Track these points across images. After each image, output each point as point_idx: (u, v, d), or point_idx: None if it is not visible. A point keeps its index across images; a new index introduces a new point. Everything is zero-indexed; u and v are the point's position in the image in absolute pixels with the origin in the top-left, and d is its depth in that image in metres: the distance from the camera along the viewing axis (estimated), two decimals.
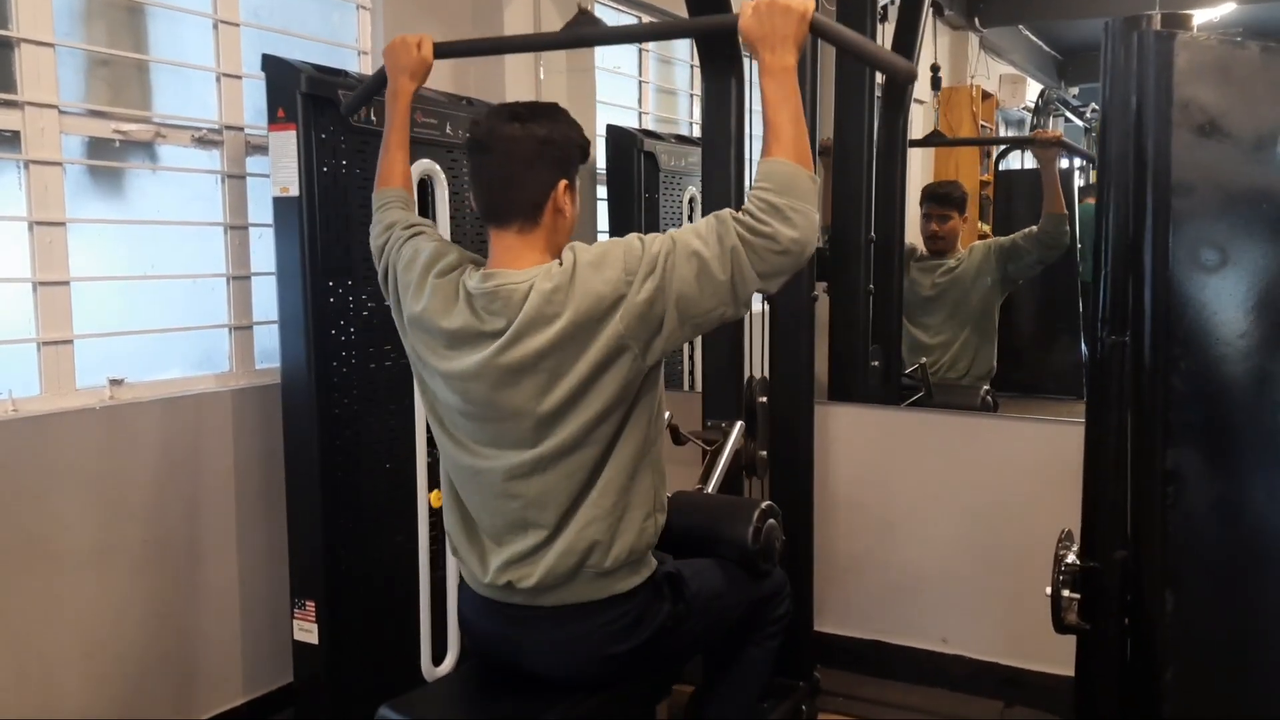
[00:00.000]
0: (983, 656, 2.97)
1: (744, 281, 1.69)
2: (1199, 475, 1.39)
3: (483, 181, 1.82)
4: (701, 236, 1.70)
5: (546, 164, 1.78)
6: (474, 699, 1.89)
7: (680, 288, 1.68)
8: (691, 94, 4.62)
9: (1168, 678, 1.44)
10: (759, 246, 1.68)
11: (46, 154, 2.33)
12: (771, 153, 1.74)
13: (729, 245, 1.68)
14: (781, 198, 1.68)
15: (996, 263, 3.75)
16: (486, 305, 1.74)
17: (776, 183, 1.70)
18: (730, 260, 1.68)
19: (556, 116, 1.82)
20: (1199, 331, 1.39)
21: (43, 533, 2.32)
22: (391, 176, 2.09)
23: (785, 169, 1.72)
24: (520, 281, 1.73)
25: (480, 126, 1.81)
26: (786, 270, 1.72)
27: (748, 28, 1.78)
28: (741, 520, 2.12)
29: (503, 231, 1.80)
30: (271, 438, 2.67)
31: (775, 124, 1.75)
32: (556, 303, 1.69)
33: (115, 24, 2.55)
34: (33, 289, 2.33)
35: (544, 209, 1.79)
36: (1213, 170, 1.38)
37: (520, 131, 1.76)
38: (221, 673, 2.71)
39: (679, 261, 1.68)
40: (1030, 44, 7.88)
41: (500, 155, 1.77)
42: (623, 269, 1.69)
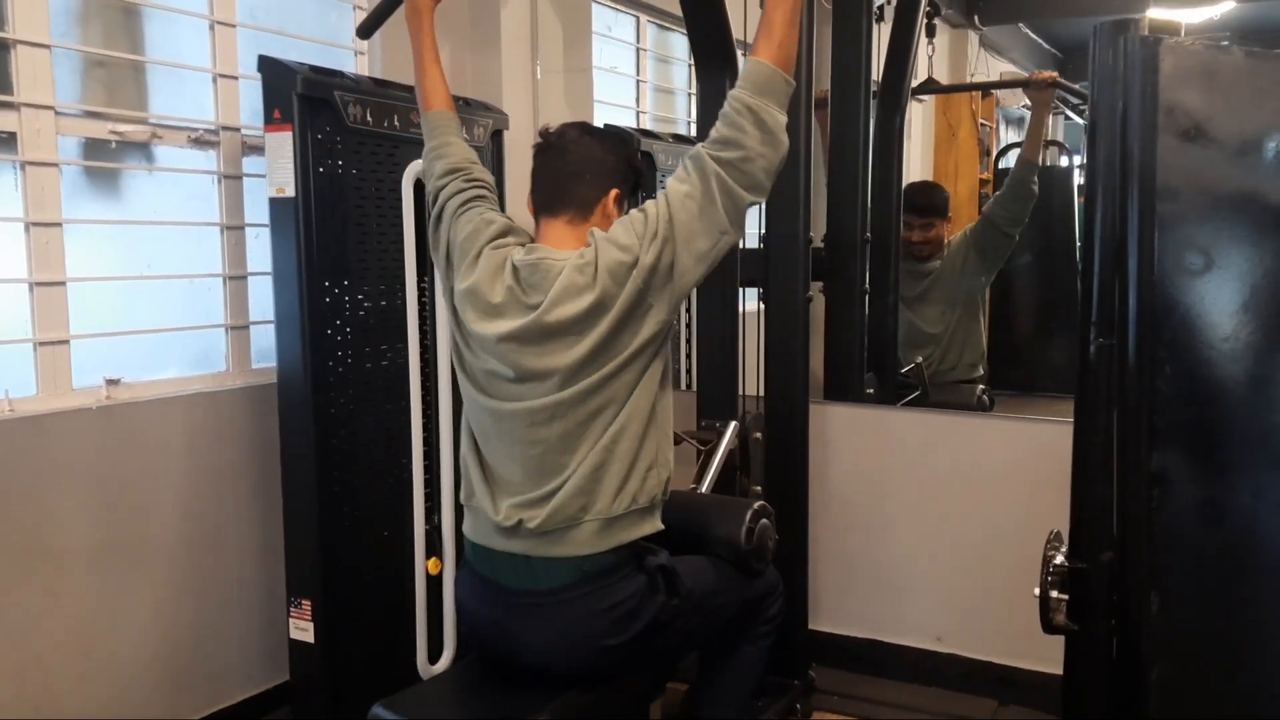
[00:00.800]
0: (977, 655, 2.98)
1: (735, 201, 1.85)
2: (1185, 478, 1.40)
3: (548, 176, 2.01)
4: (683, 179, 1.87)
5: (605, 171, 1.99)
6: (466, 697, 1.91)
7: (685, 233, 1.84)
8: (689, 93, 4.63)
9: (1154, 678, 1.44)
10: (734, 161, 1.83)
11: (42, 155, 2.34)
12: (758, 51, 1.86)
13: (710, 173, 1.84)
14: (756, 98, 1.83)
15: (972, 246, 3.73)
16: (528, 277, 1.90)
17: (753, 83, 1.84)
18: (717, 188, 1.83)
19: (622, 141, 2.11)
20: (1184, 335, 1.39)
21: (40, 532, 2.33)
22: (434, 98, 2.21)
23: (765, 71, 1.84)
24: (559, 259, 1.90)
25: (553, 132, 2.04)
26: (768, 175, 1.87)
27: None
28: (735, 520, 2.14)
29: (553, 220, 1.99)
30: (268, 437, 2.68)
31: (770, 20, 1.86)
32: (586, 274, 1.85)
33: (111, 25, 2.56)
34: (29, 289, 2.34)
35: (595, 207, 1.98)
36: (1198, 174, 1.38)
37: (588, 140, 2.01)
38: (218, 671, 2.72)
39: (675, 211, 1.85)
40: (1030, 42, 7.88)
41: (568, 155, 1.99)
42: (634, 236, 1.86)
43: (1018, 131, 8.29)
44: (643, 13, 4.26)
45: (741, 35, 2.81)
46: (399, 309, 2.69)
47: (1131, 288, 1.42)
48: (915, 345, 3.77)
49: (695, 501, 2.32)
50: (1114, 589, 1.52)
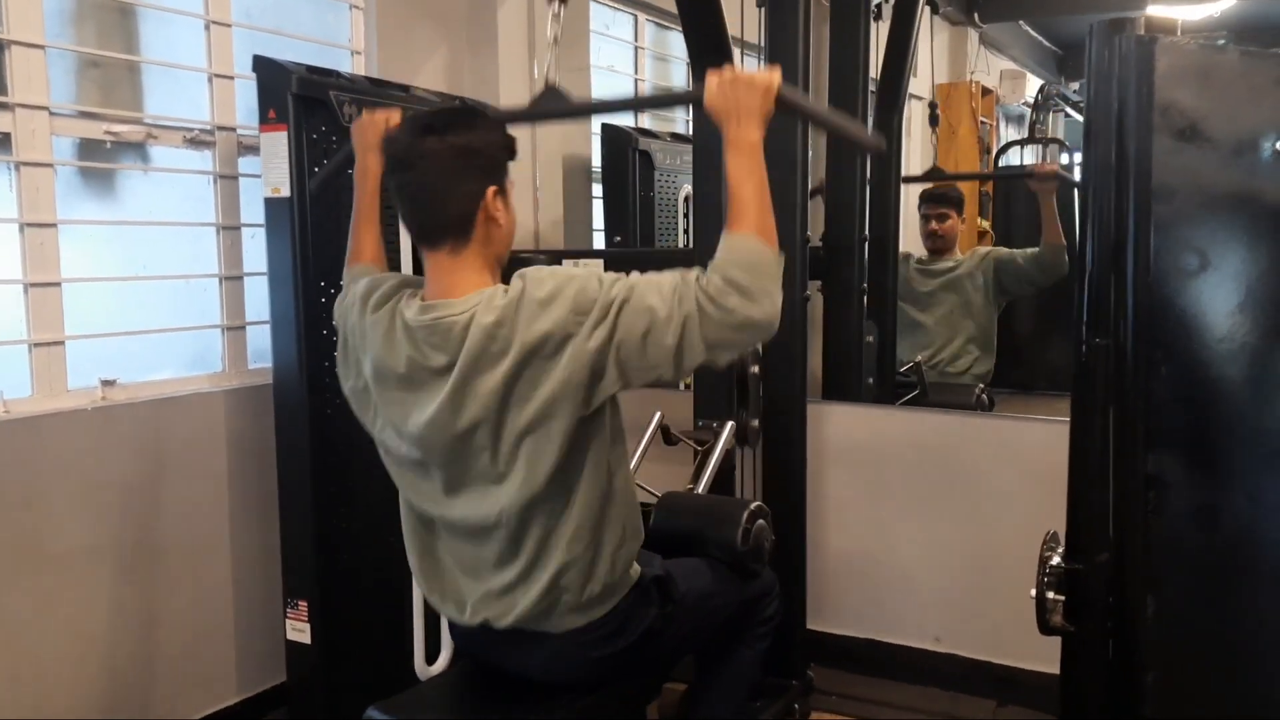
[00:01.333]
0: (976, 655, 2.97)
1: (689, 351, 1.62)
2: (1180, 478, 1.39)
3: (407, 200, 1.72)
4: (661, 293, 1.62)
5: (471, 173, 1.69)
6: (462, 701, 1.90)
7: (624, 338, 1.61)
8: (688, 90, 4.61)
9: (1150, 680, 1.44)
10: (716, 318, 1.60)
11: (37, 155, 2.34)
12: (735, 227, 1.66)
13: (685, 311, 1.60)
14: (745, 274, 1.61)
15: (994, 272, 3.78)
16: (427, 339, 1.67)
17: (739, 257, 1.63)
18: (681, 327, 1.60)
19: (474, 122, 1.73)
20: (1180, 335, 1.39)
21: (35, 534, 2.32)
22: (361, 252, 2.01)
23: (750, 244, 1.64)
24: (460, 312, 1.65)
25: (397, 143, 1.71)
26: (739, 346, 1.68)
27: (712, 102, 1.71)
28: (731, 521, 2.13)
29: (435, 253, 1.71)
30: (264, 438, 2.68)
31: (740, 199, 1.67)
32: (501, 339, 1.62)
33: (106, 25, 2.56)
34: (24, 290, 2.34)
35: (474, 222, 1.69)
36: (1194, 174, 1.37)
37: (439, 144, 1.67)
38: (214, 672, 2.72)
39: (630, 313, 1.61)
40: (1030, 39, 7.87)
41: (421, 171, 1.68)
42: (572, 308, 1.61)
43: (1018, 128, 8.28)
44: (641, 11, 4.26)
45: (738, 34, 2.81)
46: None
47: (1127, 288, 1.41)
48: (920, 344, 3.80)
49: (691, 503, 2.31)
50: (1111, 590, 1.52)
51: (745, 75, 1.73)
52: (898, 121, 3.61)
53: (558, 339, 1.61)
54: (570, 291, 1.62)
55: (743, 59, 2.87)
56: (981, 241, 5.05)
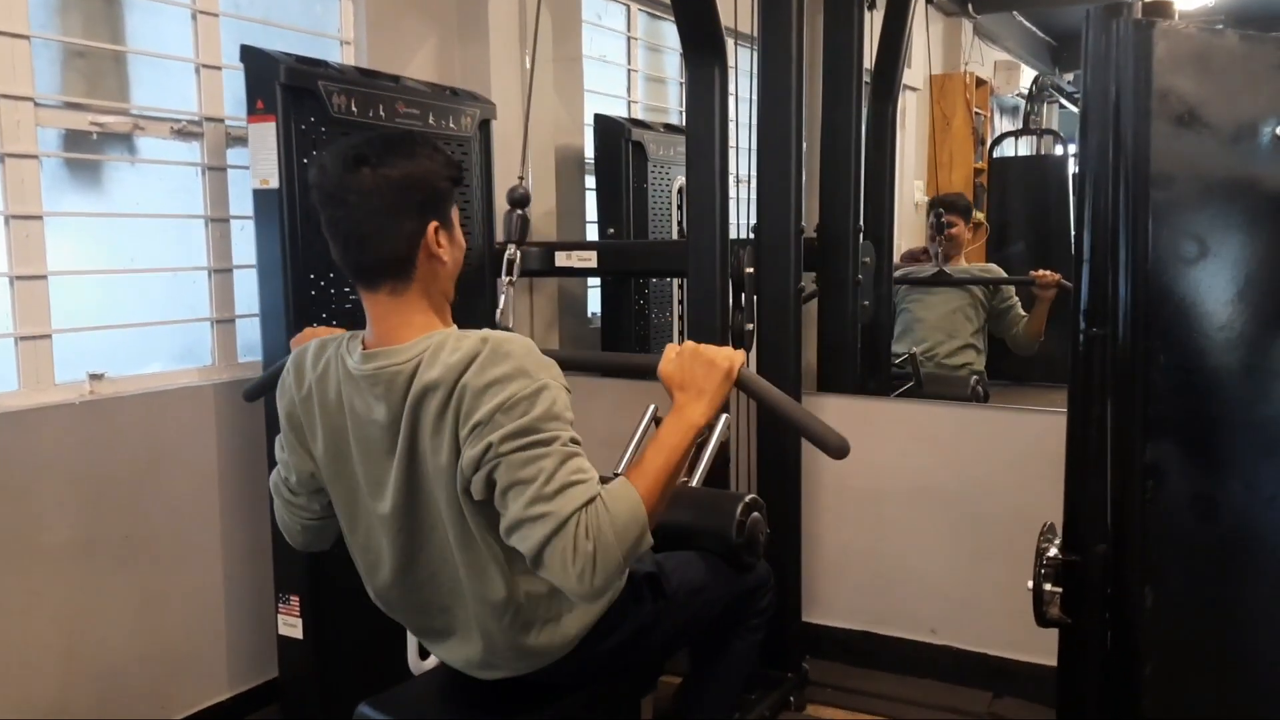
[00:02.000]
0: (972, 647, 2.96)
1: (527, 535, 1.47)
2: (1178, 469, 1.38)
3: (340, 239, 1.56)
4: (568, 472, 1.47)
5: (410, 209, 1.54)
6: (454, 697, 1.88)
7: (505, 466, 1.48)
8: (681, 82, 4.59)
9: (1148, 672, 1.43)
10: (561, 552, 1.44)
11: (22, 147, 2.30)
12: (634, 481, 1.53)
13: (560, 508, 1.44)
14: (613, 536, 1.46)
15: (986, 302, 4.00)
16: (370, 389, 1.57)
17: (622, 518, 1.47)
18: (543, 514, 1.45)
19: (413, 150, 1.56)
20: (1178, 324, 1.37)
21: (22, 529, 2.30)
22: None
23: (635, 510, 1.49)
24: (404, 362, 1.54)
25: (327, 175, 1.54)
26: (552, 577, 1.48)
27: (667, 374, 1.67)
28: (725, 514, 2.11)
29: (374, 294, 1.58)
30: (254, 431, 2.66)
31: (648, 464, 1.56)
32: (439, 402, 1.51)
33: (91, 14, 2.52)
34: (9, 283, 2.31)
35: (414, 262, 1.56)
36: (1192, 160, 1.36)
37: (372, 177, 1.51)
38: (205, 668, 2.70)
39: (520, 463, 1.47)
40: (1024, 30, 7.85)
41: (354, 207, 1.52)
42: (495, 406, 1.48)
43: (1012, 120, 8.27)
44: (633, 1, 4.23)
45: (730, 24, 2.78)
46: None
47: (1124, 277, 1.39)
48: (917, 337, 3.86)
49: (685, 495, 2.29)
50: (1108, 582, 1.51)
51: (707, 353, 1.66)
52: (892, 111, 3.59)
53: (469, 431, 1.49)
54: (507, 392, 1.48)
55: (735, 49, 2.84)
56: (977, 233, 5.05)
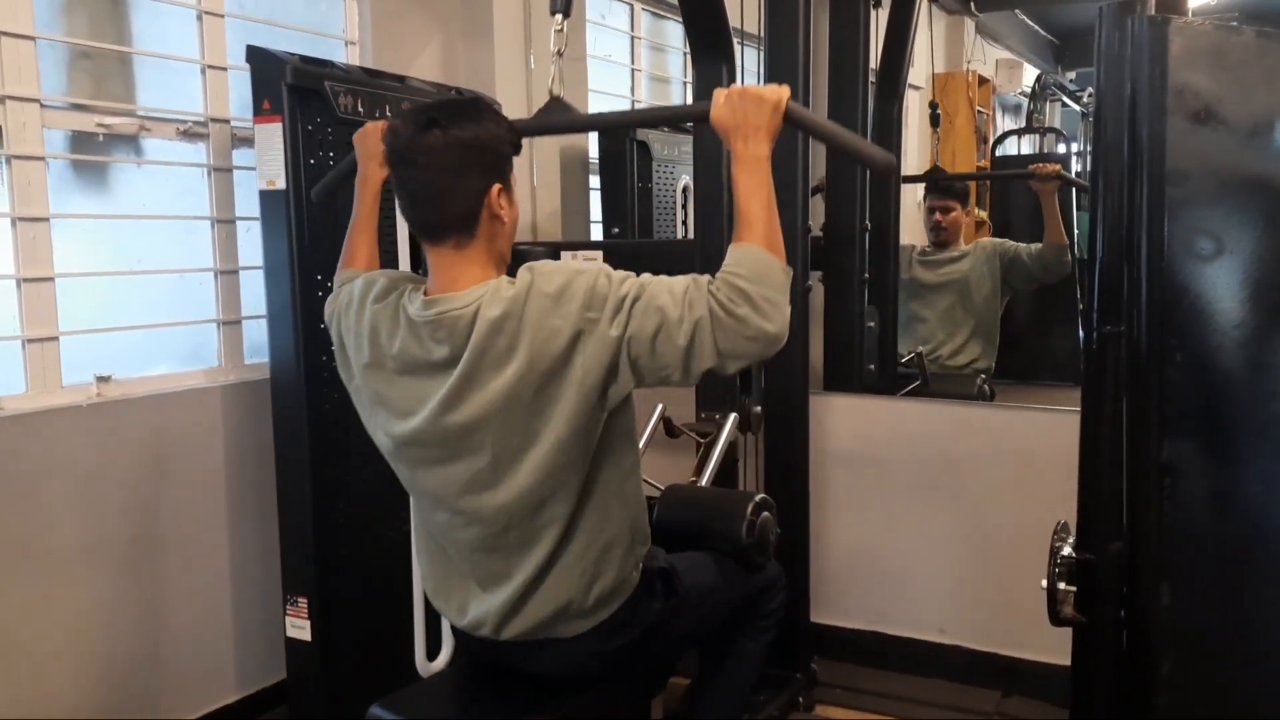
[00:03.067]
0: (981, 646, 2.96)
1: (700, 354, 1.58)
2: (1195, 466, 1.37)
3: (408, 196, 1.68)
4: (674, 295, 1.59)
5: (475, 170, 1.65)
6: (465, 697, 1.88)
7: (635, 335, 1.58)
8: (685, 81, 4.59)
9: (1164, 670, 1.42)
10: (729, 326, 1.56)
11: (28, 149, 2.30)
12: (743, 239, 1.63)
13: (697, 315, 1.57)
14: (754, 285, 1.57)
15: (1000, 265, 3.80)
16: (431, 333, 1.64)
17: (749, 269, 1.59)
18: (693, 330, 1.56)
19: (480, 115, 1.67)
20: (1194, 321, 1.36)
21: (31, 531, 2.30)
22: (355, 258, 1.98)
23: (759, 256, 1.60)
24: (464, 306, 1.62)
25: (399, 137, 1.65)
26: (750, 357, 1.61)
27: (719, 117, 1.69)
28: (735, 514, 2.11)
29: (439, 248, 1.68)
30: (262, 432, 2.65)
31: (747, 213, 1.65)
32: (509, 333, 1.59)
33: (97, 16, 2.52)
34: (16, 285, 2.31)
35: (479, 219, 1.66)
36: (1208, 157, 1.35)
37: (442, 139, 1.62)
38: (213, 670, 2.69)
39: (641, 313, 1.58)
40: (1027, 28, 7.85)
41: (423, 167, 1.63)
42: (583, 304, 1.58)
43: (1015, 118, 8.26)
44: (637, 1, 4.22)
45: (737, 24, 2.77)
46: None
47: (1141, 274, 1.39)
48: (922, 336, 3.80)
49: (695, 495, 2.29)
50: (1123, 580, 1.50)
51: (753, 90, 1.70)
52: (897, 110, 3.59)
53: (569, 336, 1.58)
54: (581, 287, 1.59)
55: (742, 49, 2.83)
56: (979, 231, 5.03)
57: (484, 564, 1.74)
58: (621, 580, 1.76)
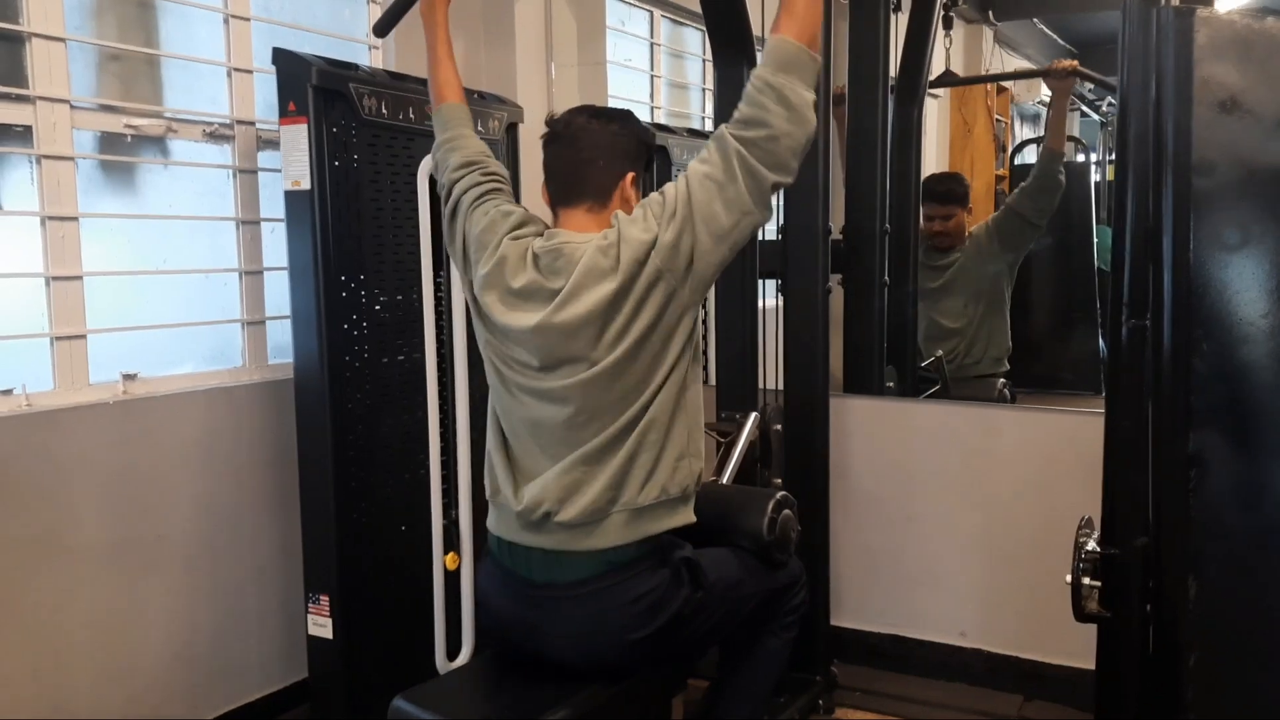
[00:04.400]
0: (1002, 650, 2.95)
1: (758, 182, 1.79)
2: (1222, 458, 1.37)
3: (560, 167, 1.97)
4: (706, 159, 1.82)
5: (618, 155, 1.95)
6: (488, 690, 1.89)
7: (704, 212, 1.80)
8: (704, 88, 4.60)
9: (1190, 664, 1.41)
10: (758, 140, 1.78)
11: (58, 149, 2.33)
12: (780, 28, 1.81)
13: (732, 152, 1.79)
14: (779, 75, 1.77)
15: (996, 238, 3.68)
16: (550, 263, 1.88)
17: (777, 61, 1.79)
18: (738, 167, 1.79)
19: (629, 119, 2.00)
20: (1221, 312, 1.36)
21: (56, 527, 2.32)
22: (447, 90, 2.20)
23: (789, 48, 1.79)
24: (581, 242, 1.88)
25: (559, 120, 1.99)
26: (793, 155, 1.80)
27: None
28: (757, 511, 2.11)
29: (572, 210, 1.96)
30: (285, 432, 2.67)
31: (787, 1, 1.81)
32: (610, 256, 1.83)
33: (126, 19, 2.55)
34: (46, 284, 2.34)
35: (613, 194, 1.94)
36: (1234, 148, 1.35)
37: (597, 125, 1.95)
38: (236, 668, 2.70)
39: (694, 191, 1.81)
40: (1045, 37, 7.83)
41: (577, 144, 1.94)
42: (651, 217, 1.84)
43: (1033, 128, 8.24)
44: (656, 7, 4.24)
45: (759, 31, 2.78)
46: (416, 305, 2.66)
47: (1166, 266, 1.39)
48: (938, 339, 3.74)
49: (717, 493, 2.29)
50: (1149, 574, 1.49)
51: None
52: (917, 113, 3.59)
53: (648, 243, 1.81)
54: (647, 205, 1.86)
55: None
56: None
57: (552, 446, 1.89)
58: (671, 490, 1.89)
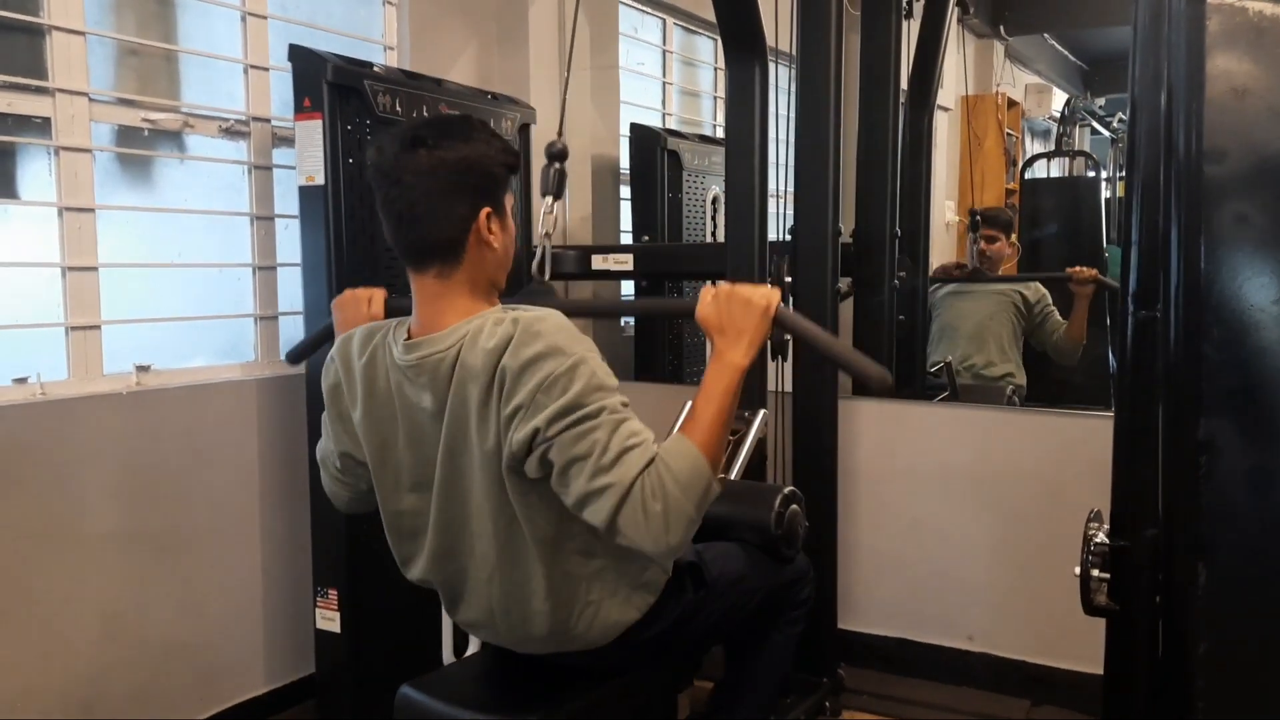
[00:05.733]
0: (1010, 654, 2.93)
1: (594, 508, 1.50)
2: (1232, 444, 1.36)
3: (392, 219, 1.58)
4: (621, 439, 1.49)
5: (463, 193, 1.56)
6: (494, 680, 1.88)
7: (559, 446, 1.50)
8: (715, 96, 4.63)
9: (1200, 653, 1.40)
10: (635, 514, 1.48)
11: (76, 141, 2.35)
12: (689, 435, 1.55)
13: (617, 478, 1.47)
14: (679, 491, 1.49)
15: (1023, 312, 3.91)
16: (415, 378, 1.59)
17: (685, 474, 1.51)
18: (605, 486, 1.48)
19: (470, 134, 1.58)
20: (1231, 298, 1.36)
21: (67, 516, 2.33)
22: None
23: (697, 464, 1.52)
24: (446, 349, 1.56)
25: (383, 154, 1.57)
26: (635, 545, 1.51)
27: (705, 316, 1.64)
28: (764, 506, 2.11)
29: (422, 276, 1.60)
30: (295, 426, 2.68)
31: (701, 415, 1.58)
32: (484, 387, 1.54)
33: (145, 14, 2.58)
34: (61, 274, 2.35)
35: (464, 246, 1.58)
36: (1246, 135, 1.35)
37: (427, 160, 1.54)
38: (244, 661, 2.71)
39: (575, 437, 1.49)
40: (1056, 53, 7.85)
41: (407, 188, 1.55)
42: (538, 384, 1.50)
43: (1044, 142, 8.26)
44: (669, 15, 4.27)
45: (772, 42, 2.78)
46: None
47: (1175, 253, 1.39)
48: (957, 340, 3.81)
49: (725, 488, 2.29)
50: (1158, 566, 1.49)
51: (742, 292, 1.64)
52: (928, 120, 3.60)
53: (516, 407, 1.51)
54: (547, 367, 1.50)
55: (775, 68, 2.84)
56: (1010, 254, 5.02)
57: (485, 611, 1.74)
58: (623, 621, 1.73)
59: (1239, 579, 1.40)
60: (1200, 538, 1.40)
